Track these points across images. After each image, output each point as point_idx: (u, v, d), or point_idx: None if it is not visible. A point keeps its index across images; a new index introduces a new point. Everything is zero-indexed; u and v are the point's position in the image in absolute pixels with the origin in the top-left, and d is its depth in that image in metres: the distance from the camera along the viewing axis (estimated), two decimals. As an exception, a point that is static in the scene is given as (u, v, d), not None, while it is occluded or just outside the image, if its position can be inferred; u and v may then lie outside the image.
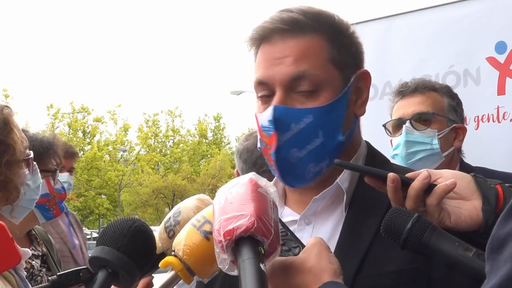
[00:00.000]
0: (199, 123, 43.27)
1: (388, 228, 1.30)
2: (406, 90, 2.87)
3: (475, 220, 1.31)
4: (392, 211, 1.31)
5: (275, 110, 1.42)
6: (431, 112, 2.79)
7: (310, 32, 1.46)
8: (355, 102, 1.52)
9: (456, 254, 1.24)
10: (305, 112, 1.43)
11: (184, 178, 38.83)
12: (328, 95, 1.44)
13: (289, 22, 1.46)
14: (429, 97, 2.83)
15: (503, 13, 3.37)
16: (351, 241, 1.28)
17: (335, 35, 1.49)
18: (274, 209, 1.15)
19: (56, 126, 36.64)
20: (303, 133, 1.43)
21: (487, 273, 0.91)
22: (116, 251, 1.24)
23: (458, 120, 2.86)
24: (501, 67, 3.37)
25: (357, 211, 1.47)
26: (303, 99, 1.44)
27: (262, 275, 1.02)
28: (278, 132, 1.42)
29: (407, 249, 1.28)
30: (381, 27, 3.81)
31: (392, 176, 1.34)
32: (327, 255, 1.21)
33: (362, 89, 1.54)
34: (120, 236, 1.25)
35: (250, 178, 1.18)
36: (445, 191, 1.32)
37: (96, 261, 1.25)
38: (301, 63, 1.43)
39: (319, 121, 1.43)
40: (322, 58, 1.45)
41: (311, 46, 1.45)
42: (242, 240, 1.07)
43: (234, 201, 1.13)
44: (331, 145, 1.45)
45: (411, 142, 2.80)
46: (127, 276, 1.25)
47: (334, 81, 1.46)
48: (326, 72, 1.45)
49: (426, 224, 1.28)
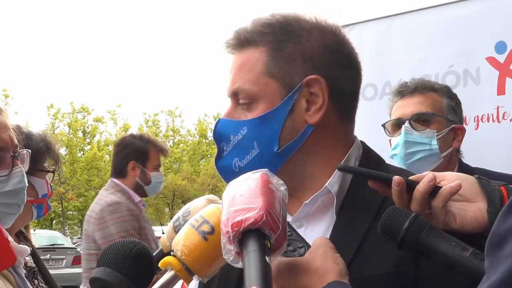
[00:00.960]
0: (199, 123, 43.30)
1: (385, 227, 1.30)
2: (406, 90, 2.87)
3: (480, 222, 1.31)
4: (389, 211, 1.31)
5: (217, 123, 1.56)
6: (430, 113, 2.80)
7: (249, 46, 1.53)
8: (307, 109, 1.50)
9: (453, 254, 1.24)
10: (241, 124, 1.51)
11: (184, 178, 38.86)
12: (263, 107, 1.49)
13: (235, 37, 1.55)
14: (428, 97, 2.84)
15: (503, 13, 3.37)
16: (340, 244, 1.28)
17: (279, 44, 1.50)
18: (283, 206, 1.16)
19: (56, 126, 36.68)
20: (241, 144, 1.51)
21: (486, 269, 0.91)
22: (118, 274, 1.26)
23: (457, 121, 2.86)
24: (501, 67, 3.37)
25: (347, 214, 1.48)
26: (244, 111, 1.52)
27: (266, 267, 1.03)
28: (222, 143, 1.54)
29: (404, 249, 1.29)
30: (381, 27, 3.81)
31: (397, 179, 1.34)
32: (332, 256, 1.22)
33: (317, 95, 1.51)
34: (121, 259, 1.28)
35: (262, 173, 1.20)
36: (451, 193, 1.32)
37: (97, 282, 1.27)
38: (236, 79, 1.53)
39: (253, 132, 1.50)
40: (256, 71, 1.50)
41: (247, 61, 1.52)
42: (249, 233, 1.08)
43: (244, 194, 1.14)
44: (267, 156, 1.49)
45: (410, 142, 2.80)
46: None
47: (270, 93, 1.49)
48: (259, 85, 1.49)
49: (423, 224, 1.28)
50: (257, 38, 1.52)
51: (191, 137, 43.40)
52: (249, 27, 1.55)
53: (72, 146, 35.60)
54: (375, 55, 3.72)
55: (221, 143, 1.54)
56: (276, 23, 1.53)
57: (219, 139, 1.54)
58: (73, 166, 34.77)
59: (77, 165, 35.09)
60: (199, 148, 42.41)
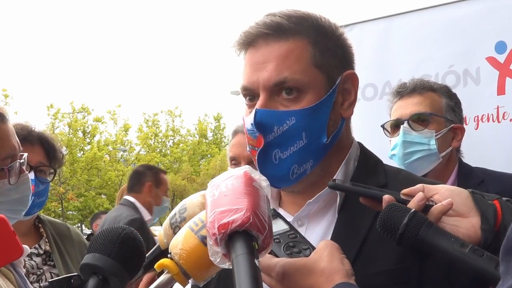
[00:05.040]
0: (199, 123, 43.24)
1: (384, 223, 1.31)
2: (404, 90, 2.89)
3: (473, 238, 1.31)
4: (388, 207, 1.32)
5: (256, 114, 1.46)
6: (429, 113, 2.81)
7: (292, 36, 1.48)
8: (342, 104, 1.53)
9: (452, 250, 1.25)
10: (288, 114, 1.46)
11: (184, 178, 38.82)
12: (311, 97, 1.47)
13: (272, 27, 1.48)
14: (427, 97, 2.84)
15: (503, 13, 3.38)
16: (342, 242, 1.28)
17: (319, 37, 1.51)
18: (267, 204, 1.15)
19: (56, 126, 36.60)
20: (286, 135, 1.46)
21: (501, 274, 0.92)
22: (106, 258, 1.25)
23: (457, 120, 2.87)
24: (501, 67, 3.38)
25: (349, 212, 1.49)
26: (286, 102, 1.47)
27: (256, 271, 1.02)
28: (261, 134, 1.46)
29: (403, 245, 1.29)
30: (381, 27, 3.81)
31: (387, 199, 1.35)
32: (338, 256, 1.21)
33: (349, 90, 1.54)
34: (110, 243, 1.27)
35: (244, 171, 1.18)
36: (442, 212, 1.32)
37: (87, 268, 1.26)
38: (283, 69, 1.46)
39: (302, 123, 1.46)
40: (305, 61, 1.48)
41: (293, 50, 1.48)
42: (236, 234, 1.06)
43: (228, 194, 1.12)
44: (314, 147, 1.47)
45: (409, 142, 2.81)
46: (117, 282, 1.27)
47: (318, 84, 1.48)
48: (309, 75, 1.47)
49: (422, 220, 1.28)
50: (299, 29, 1.49)
51: (191, 137, 43.34)
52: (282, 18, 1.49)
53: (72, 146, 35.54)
54: (375, 55, 3.73)
55: (259, 134, 1.47)
56: (309, 17, 1.52)
57: (258, 130, 1.47)
58: (73, 166, 34.70)
59: (77, 165, 35.02)
60: (199, 148, 42.35)
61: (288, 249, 1.27)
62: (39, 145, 2.82)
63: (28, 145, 2.72)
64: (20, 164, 1.97)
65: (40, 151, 2.82)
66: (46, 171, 2.85)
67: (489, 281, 1.21)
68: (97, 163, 35.99)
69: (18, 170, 1.96)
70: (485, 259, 1.22)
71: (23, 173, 1.98)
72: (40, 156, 2.82)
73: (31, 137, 2.79)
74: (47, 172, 2.86)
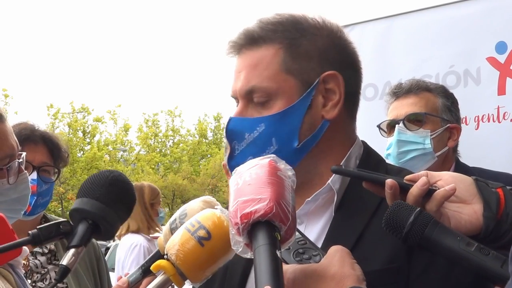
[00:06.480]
0: (199, 123, 43.25)
1: (390, 221, 1.30)
2: (400, 91, 2.91)
3: (475, 225, 1.31)
4: (394, 205, 1.32)
5: (229, 122, 1.54)
6: (423, 113, 2.81)
7: (265, 43, 1.52)
8: (324, 105, 1.53)
9: (458, 248, 1.24)
10: (257, 121, 1.50)
11: (184, 178, 38.82)
12: (281, 103, 1.50)
13: (245, 36, 1.54)
14: (422, 97, 2.86)
15: (503, 13, 3.38)
16: (336, 241, 1.28)
17: (295, 41, 1.52)
18: (292, 194, 1.13)
19: (56, 126, 36.62)
20: (257, 142, 1.50)
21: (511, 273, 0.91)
22: (95, 201, 1.24)
23: (453, 120, 2.87)
24: (501, 67, 3.38)
25: (345, 211, 1.49)
26: (259, 109, 1.52)
27: (277, 262, 1.01)
28: (234, 142, 1.52)
29: (409, 243, 1.29)
30: (381, 27, 3.82)
31: (390, 183, 1.35)
32: (349, 261, 1.20)
33: (334, 91, 1.53)
34: (98, 187, 1.26)
35: (269, 160, 1.17)
36: (445, 197, 1.32)
37: (76, 213, 1.25)
38: (251, 78, 1.52)
39: (271, 129, 1.49)
40: (274, 68, 1.51)
41: (263, 58, 1.52)
42: (259, 224, 1.05)
43: (252, 183, 1.11)
44: (286, 152, 1.48)
45: (403, 141, 2.82)
46: (108, 226, 1.25)
47: (289, 89, 1.50)
48: (278, 82, 1.50)
49: (428, 218, 1.28)
50: (271, 35, 1.52)
51: (191, 137, 43.35)
52: (258, 26, 1.54)
53: (72, 146, 35.52)
54: (376, 55, 3.73)
55: (233, 142, 1.53)
56: (287, 21, 1.54)
57: (231, 138, 1.53)
58: (73, 166, 34.69)
59: (77, 165, 35.01)
60: (199, 148, 42.37)
61: (298, 255, 1.26)
62: (42, 145, 2.80)
63: (32, 145, 2.71)
64: (18, 163, 1.97)
65: (43, 151, 2.80)
66: (50, 171, 2.83)
67: (495, 280, 1.21)
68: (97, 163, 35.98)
69: (16, 170, 1.96)
70: (491, 258, 1.21)
71: (21, 173, 1.98)
72: (43, 155, 2.79)
73: (34, 137, 2.77)
74: (51, 172, 2.84)
